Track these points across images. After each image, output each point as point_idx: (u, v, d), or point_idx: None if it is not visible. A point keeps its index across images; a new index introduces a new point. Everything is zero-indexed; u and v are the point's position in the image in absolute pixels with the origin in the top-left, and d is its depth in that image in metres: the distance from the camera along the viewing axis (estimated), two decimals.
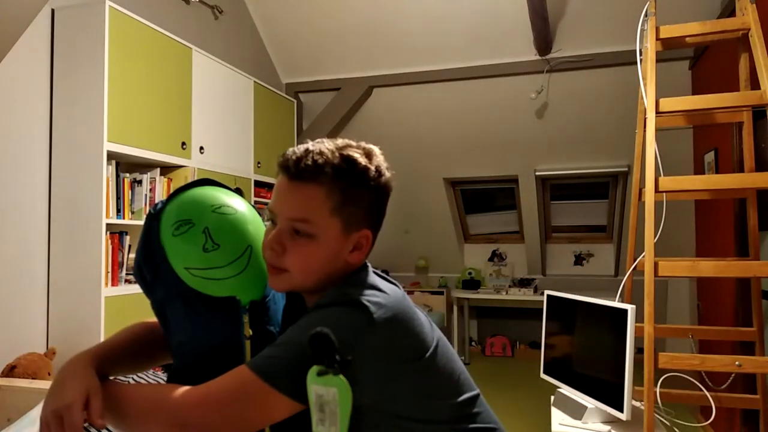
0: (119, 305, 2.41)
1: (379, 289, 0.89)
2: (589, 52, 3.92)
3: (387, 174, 0.95)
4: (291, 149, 0.93)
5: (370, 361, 0.81)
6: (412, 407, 0.85)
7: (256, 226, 1.09)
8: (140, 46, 2.59)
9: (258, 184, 3.65)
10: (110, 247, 2.43)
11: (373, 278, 0.94)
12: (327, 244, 0.90)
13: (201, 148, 3.00)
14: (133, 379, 1.67)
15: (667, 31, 2.23)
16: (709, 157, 3.59)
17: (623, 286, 2.37)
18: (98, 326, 2.32)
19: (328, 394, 0.71)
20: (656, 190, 1.99)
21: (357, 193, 0.91)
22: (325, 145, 0.91)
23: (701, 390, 2.15)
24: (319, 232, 0.89)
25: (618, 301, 2.10)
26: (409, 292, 6.02)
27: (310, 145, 0.91)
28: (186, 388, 0.82)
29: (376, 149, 0.96)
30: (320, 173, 0.88)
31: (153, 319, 1.11)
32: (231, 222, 1.04)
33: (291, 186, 0.90)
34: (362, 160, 0.92)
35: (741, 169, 2.48)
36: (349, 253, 0.93)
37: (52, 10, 2.48)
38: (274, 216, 0.93)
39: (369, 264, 1.00)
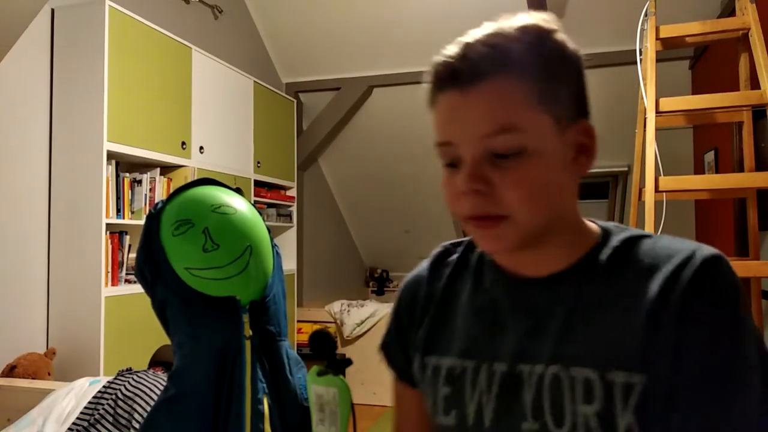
0: (119, 305, 2.41)
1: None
2: (589, 52, 3.89)
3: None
4: (440, 55, 0.63)
5: None
6: None
7: (257, 225, 1.09)
8: (140, 45, 2.59)
9: (258, 183, 3.64)
10: (110, 247, 2.43)
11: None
12: (548, 155, 0.60)
13: (201, 148, 3.00)
14: (133, 379, 1.68)
15: (667, 31, 2.22)
16: (709, 157, 3.59)
17: None
18: (98, 326, 2.32)
19: (328, 394, 0.70)
20: (656, 190, 1.99)
21: (559, 70, 0.62)
22: (486, 30, 0.62)
23: None
24: (531, 140, 0.59)
25: None
26: None
27: (465, 38, 0.63)
28: None
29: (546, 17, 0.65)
30: (507, 56, 0.59)
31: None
32: (231, 222, 1.04)
33: (471, 92, 0.59)
34: (549, 26, 0.63)
35: (741, 169, 2.48)
36: (573, 161, 0.62)
37: (52, 10, 2.48)
38: (453, 151, 0.62)
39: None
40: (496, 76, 0.59)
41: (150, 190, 2.69)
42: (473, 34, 0.62)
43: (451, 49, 0.62)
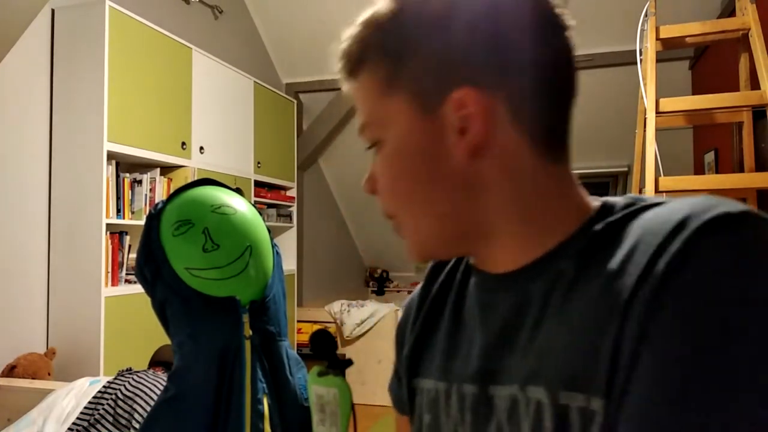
0: (119, 305, 2.41)
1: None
2: (589, 52, 3.92)
3: None
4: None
5: None
6: None
7: (257, 225, 1.09)
8: (140, 46, 2.59)
9: (258, 184, 3.64)
10: (110, 247, 2.43)
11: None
12: (411, 145, 0.50)
13: (201, 148, 3.00)
14: (133, 379, 1.68)
15: (667, 31, 2.22)
16: (709, 157, 3.60)
17: None
18: (98, 326, 2.32)
19: (329, 394, 0.70)
20: (656, 190, 1.99)
21: (416, 39, 0.49)
22: (364, 14, 0.55)
23: None
24: (387, 131, 0.52)
25: None
26: (409, 292, 6.01)
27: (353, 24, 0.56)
28: None
29: None
30: (363, 46, 0.53)
31: None
32: (231, 222, 1.04)
33: (349, 87, 0.56)
34: None
35: (741, 169, 2.48)
36: (461, 143, 0.48)
37: (52, 10, 2.48)
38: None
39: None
40: (357, 70, 0.54)
41: (150, 190, 2.69)
42: (358, 19, 0.55)
43: (344, 36, 0.56)
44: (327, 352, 0.75)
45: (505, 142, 0.48)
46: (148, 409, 1.55)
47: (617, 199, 0.50)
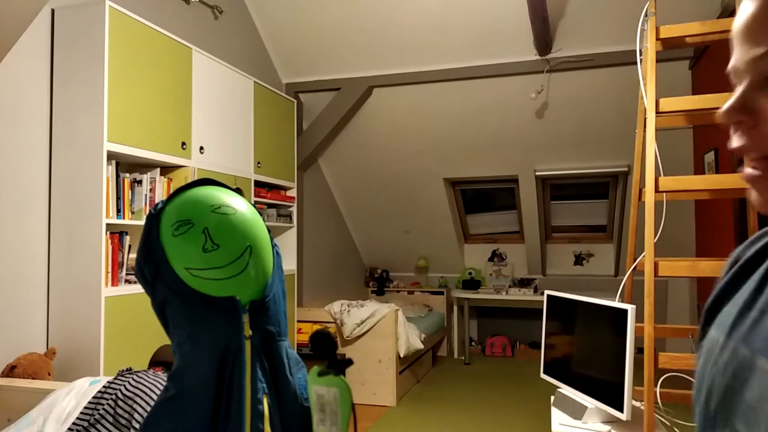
0: (119, 305, 2.41)
1: None
2: (589, 52, 3.92)
3: None
4: None
5: None
6: None
7: (257, 225, 1.09)
8: (140, 46, 2.59)
9: (258, 184, 3.64)
10: (110, 247, 2.43)
11: None
12: None
13: (201, 148, 3.00)
14: (133, 379, 1.68)
15: (667, 31, 2.22)
16: (709, 157, 3.60)
17: (623, 286, 2.38)
18: (98, 326, 2.32)
19: (329, 394, 0.71)
20: (656, 190, 1.99)
21: None
22: None
23: None
24: None
25: (618, 301, 2.10)
26: (409, 292, 6.02)
27: None
28: None
29: None
30: None
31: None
32: (231, 222, 1.04)
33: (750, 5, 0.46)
34: None
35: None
36: None
37: (52, 10, 2.48)
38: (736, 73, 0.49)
39: None
40: None
41: (150, 190, 2.69)
42: None
43: None
44: (327, 352, 0.75)
45: None
46: (148, 409, 1.55)
47: None
